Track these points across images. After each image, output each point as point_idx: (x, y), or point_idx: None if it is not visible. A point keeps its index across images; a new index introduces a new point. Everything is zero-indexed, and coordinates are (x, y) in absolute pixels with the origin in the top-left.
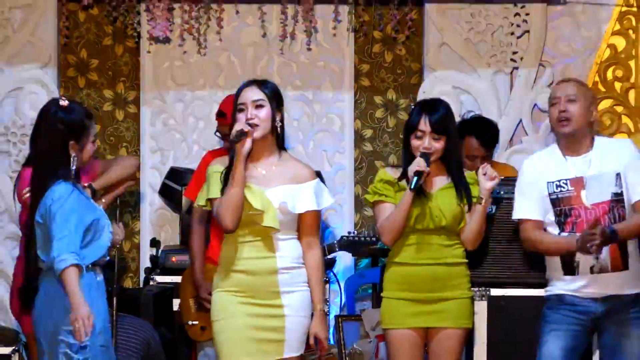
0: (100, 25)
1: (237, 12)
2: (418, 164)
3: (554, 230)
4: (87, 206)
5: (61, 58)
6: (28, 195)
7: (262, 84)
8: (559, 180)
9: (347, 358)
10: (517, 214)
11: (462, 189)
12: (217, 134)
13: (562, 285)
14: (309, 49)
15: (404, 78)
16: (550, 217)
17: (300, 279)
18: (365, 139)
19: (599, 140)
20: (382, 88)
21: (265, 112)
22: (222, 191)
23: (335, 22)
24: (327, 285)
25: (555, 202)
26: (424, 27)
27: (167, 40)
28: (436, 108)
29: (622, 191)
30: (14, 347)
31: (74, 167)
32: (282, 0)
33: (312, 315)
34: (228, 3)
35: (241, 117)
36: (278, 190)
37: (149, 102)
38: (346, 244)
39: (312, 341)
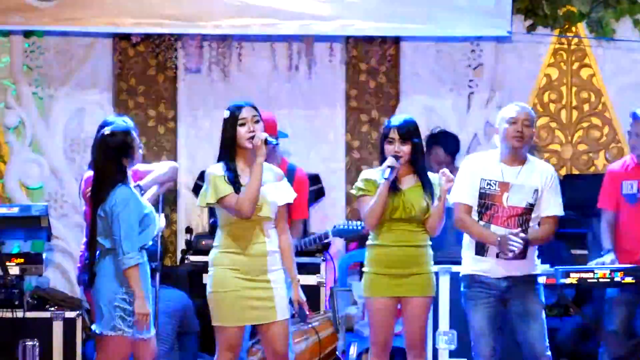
0: (145, 59)
1: (254, 48)
2: (389, 161)
3: (474, 216)
4: (140, 203)
5: (115, 85)
6: (89, 194)
7: (253, 106)
8: (490, 180)
9: (340, 321)
10: (453, 198)
11: (427, 187)
12: None
13: (472, 266)
14: (310, 78)
15: (384, 101)
16: (474, 206)
17: (278, 260)
18: (354, 149)
19: (531, 159)
20: (367, 108)
21: (260, 126)
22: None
23: (331, 57)
24: (324, 264)
25: (482, 195)
26: (400, 60)
27: (198, 70)
28: (403, 121)
29: (534, 204)
30: (78, 312)
31: (128, 173)
32: (288, 39)
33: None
34: (246, 41)
35: (242, 129)
36: (267, 188)
37: (184, 120)
38: (338, 231)
39: (296, 306)
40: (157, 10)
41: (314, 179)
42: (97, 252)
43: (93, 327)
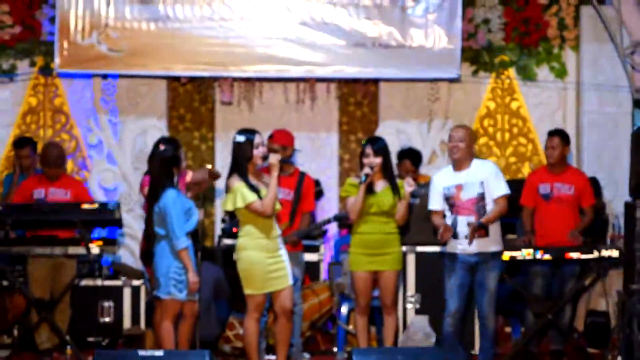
0: (191, 94)
1: (271, 87)
2: (365, 170)
3: (447, 212)
4: (184, 200)
5: (169, 113)
6: (147, 194)
7: (259, 133)
8: (449, 185)
9: (334, 287)
10: (430, 207)
11: (395, 190)
12: None
13: (451, 246)
14: (312, 109)
15: (367, 125)
16: (445, 206)
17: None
18: (345, 161)
19: (474, 162)
20: (354, 131)
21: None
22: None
23: (328, 93)
24: (323, 246)
25: (446, 198)
26: (379, 96)
27: (230, 103)
28: (375, 140)
29: (484, 192)
30: (141, 281)
31: (176, 179)
32: (296, 80)
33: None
34: (265, 82)
35: (257, 151)
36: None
37: (220, 140)
38: (337, 217)
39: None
40: (200, 58)
41: (315, 183)
42: (153, 237)
43: (154, 292)
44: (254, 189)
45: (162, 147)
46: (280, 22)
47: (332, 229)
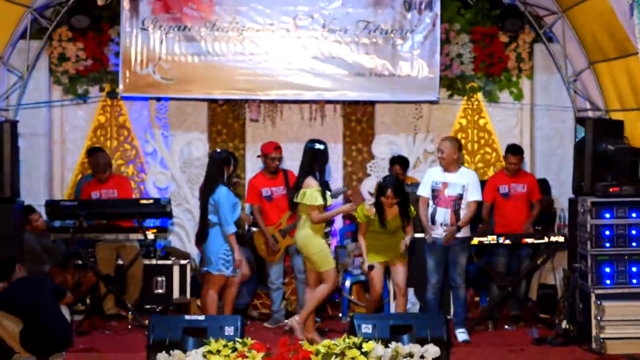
0: (227, 113)
1: (290, 107)
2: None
3: (431, 201)
4: (232, 196)
5: (209, 128)
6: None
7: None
8: (437, 181)
9: (340, 265)
10: (419, 192)
11: (406, 220)
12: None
13: (433, 233)
14: (322, 125)
15: (365, 138)
16: (430, 195)
17: None
18: (348, 166)
19: (462, 169)
20: (356, 142)
21: None
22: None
23: (334, 112)
24: (331, 232)
25: (433, 190)
26: (375, 114)
27: (257, 120)
28: (393, 184)
29: (463, 194)
30: (188, 260)
31: (226, 177)
32: (310, 102)
33: None
34: (285, 104)
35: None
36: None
37: (249, 150)
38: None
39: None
40: (234, 85)
41: (326, 183)
42: (207, 224)
43: (203, 268)
44: (323, 194)
45: (217, 150)
46: (297, 56)
47: (338, 221)
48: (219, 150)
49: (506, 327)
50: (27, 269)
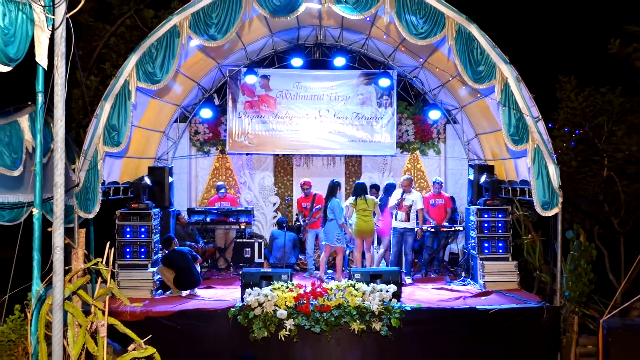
0: (284, 161)
1: (316, 159)
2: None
3: (395, 208)
4: (340, 204)
5: (274, 170)
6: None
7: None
8: (399, 198)
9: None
10: (389, 204)
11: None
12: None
13: (394, 224)
14: (334, 168)
15: (356, 175)
16: (395, 204)
17: None
18: (347, 190)
19: (413, 191)
20: (352, 177)
21: None
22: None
23: (340, 161)
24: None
25: (397, 201)
26: (362, 162)
27: (299, 165)
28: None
29: (412, 205)
30: (261, 240)
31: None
32: (328, 156)
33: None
34: (314, 157)
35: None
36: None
37: (296, 183)
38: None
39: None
40: (286, 146)
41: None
42: (327, 219)
43: (323, 242)
44: (359, 205)
45: (332, 180)
46: (320, 131)
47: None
48: (334, 180)
49: (432, 275)
50: (177, 244)
